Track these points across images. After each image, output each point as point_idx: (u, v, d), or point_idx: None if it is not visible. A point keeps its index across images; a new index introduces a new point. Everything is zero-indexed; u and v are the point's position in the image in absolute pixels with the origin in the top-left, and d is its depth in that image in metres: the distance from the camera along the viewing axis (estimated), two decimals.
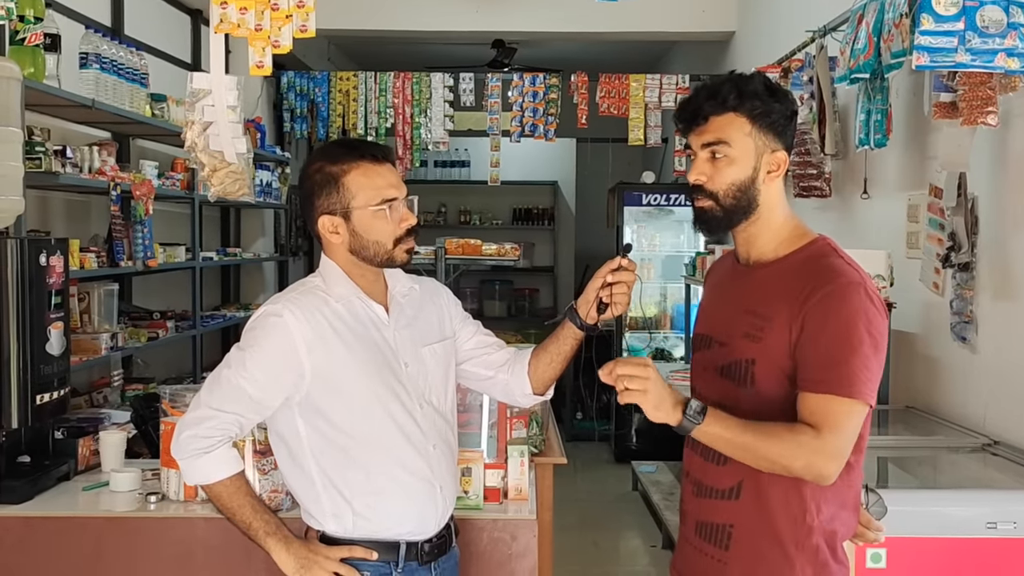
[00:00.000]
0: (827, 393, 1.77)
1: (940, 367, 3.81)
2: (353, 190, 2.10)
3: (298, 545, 2.09)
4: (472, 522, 2.61)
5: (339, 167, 2.11)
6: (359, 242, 2.12)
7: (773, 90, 1.92)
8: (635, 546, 5.69)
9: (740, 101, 1.89)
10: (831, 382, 1.77)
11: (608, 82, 7.00)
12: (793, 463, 1.77)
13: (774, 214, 1.95)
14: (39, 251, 2.83)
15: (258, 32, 2.69)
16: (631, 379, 1.77)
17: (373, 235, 2.12)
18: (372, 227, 2.11)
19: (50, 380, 2.85)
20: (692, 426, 1.78)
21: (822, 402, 1.77)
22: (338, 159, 2.12)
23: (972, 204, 3.47)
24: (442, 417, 2.21)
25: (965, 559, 2.64)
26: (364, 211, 2.10)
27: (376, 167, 2.12)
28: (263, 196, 6.48)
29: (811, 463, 1.77)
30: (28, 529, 2.66)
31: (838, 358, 1.77)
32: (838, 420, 1.77)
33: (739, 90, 1.89)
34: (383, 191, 2.11)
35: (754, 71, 2.03)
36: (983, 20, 2.82)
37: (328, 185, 2.11)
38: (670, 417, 1.78)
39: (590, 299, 2.16)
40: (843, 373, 1.77)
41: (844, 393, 1.77)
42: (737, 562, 1.91)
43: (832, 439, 1.76)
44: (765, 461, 1.79)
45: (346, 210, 2.11)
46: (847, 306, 1.80)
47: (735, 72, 1.98)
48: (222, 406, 2.07)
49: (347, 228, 2.12)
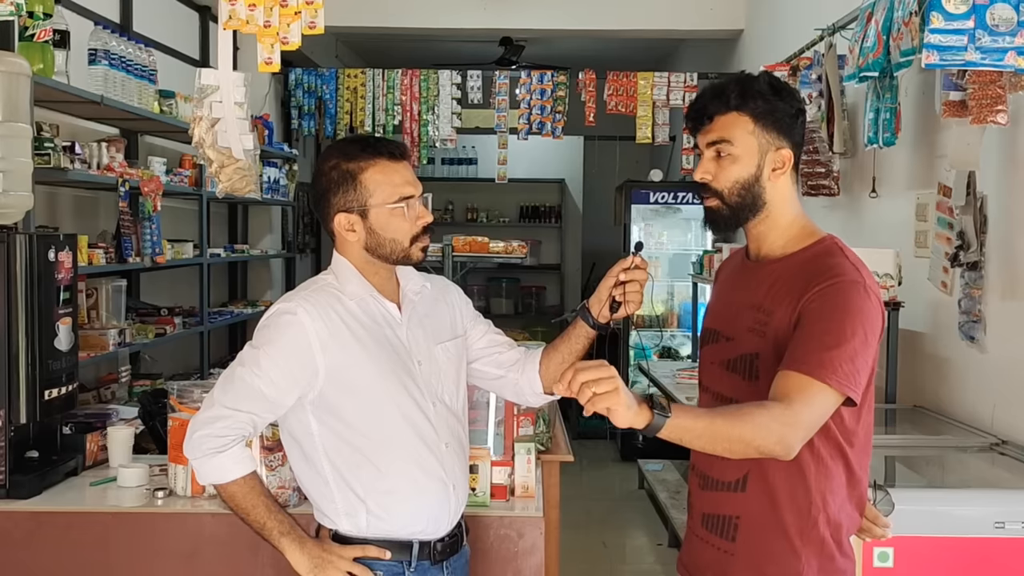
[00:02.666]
0: (806, 374, 1.75)
1: (948, 366, 3.80)
2: (371, 188, 2.09)
3: (312, 545, 2.08)
4: (479, 519, 2.61)
5: (356, 164, 2.10)
6: (376, 240, 2.12)
7: (777, 89, 1.94)
8: (641, 544, 5.69)
9: (743, 100, 1.91)
10: (811, 364, 1.75)
11: (616, 80, 6.99)
12: (766, 439, 1.71)
13: (783, 212, 1.96)
14: (48, 247, 2.84)
15: (267, 29, 2.70)
16: (597, 383, 1.61)
17: (390, 233, 2.11)
18: (389, 225, 2.11)
19: (58, 376, 2.86)
20: (663, 421, 1.65)
21: (798, 380, 1.75)
22: (355, 156, 2.11)
23: (981, 203, 3.46)
24: (454, 416, 2.21)
25: (973, 559, 2.63)
26: (382, 209, 2.10)
27: (393, 164, 2.11)
28: (271, 193, 6.48)
29: (783, 436, 1.71)
30: (36, 524, 2.67)
31: (824, 345, 1.76)
32: (810, 397, 1.74)
33: (742, 89, 1.92)
34: (401, 188, 2.10)
35: (761, 70, 2.03)
36: (993, 18, 2.81)
37: (345, 183, 2.10)
38: (640, 417, 1.64)
39: (603, 298, 2.16)
40: (825, 359, 1.75)
41: (820, 377, 1.74)
42: (743, 554, 1.92)
43: (803, 411, 1.73)
44: (739, 444, 1.72)
45: (363, 208, 2.10)
46: (843, 300, 1.80)
47: (743, 72, 2.00)
48: (236, 405, 2.06)
49: (364, 226, 2.11)
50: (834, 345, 1.76)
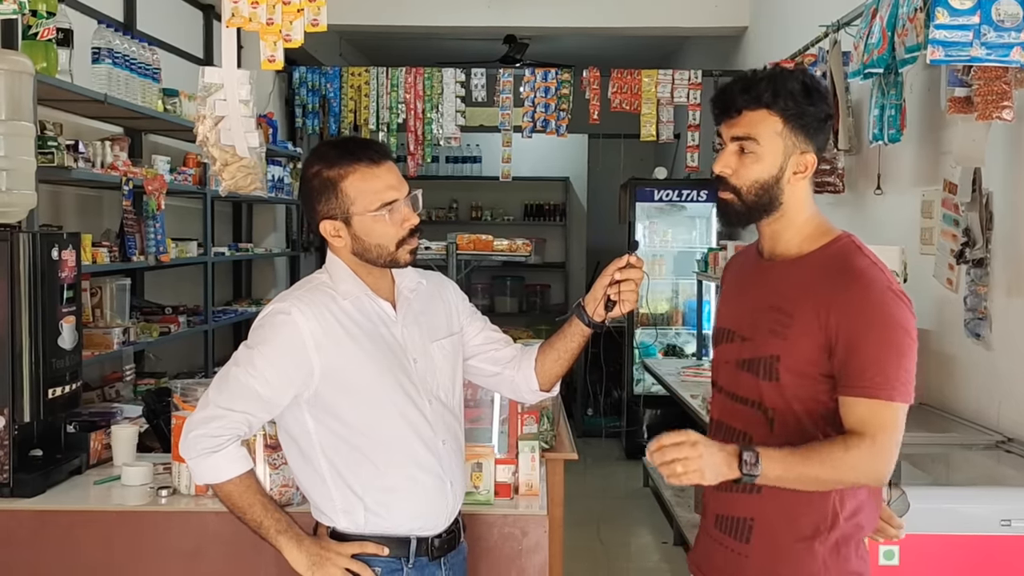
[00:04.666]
0: (875, 398, 1.79)
1: (954, 364, 3.79)
2: (352, 196, 2.07)
3: (309, 542, 2.09)
4: (482, 517, 2.61)
5: (336, 172, 2.08)
6: (361, 245, 2.11)
7: (810, 91, 1.89)
8: (646, 542, 5.68)
9: (775, 99, 1.87)
10: (878, 387, 1.79)
11: (620, 77, 6.98)
12: (859, 478, 1.82)
13: (799, 212, 1.94)
14: (51, 245, 2.84)
15: (269, 26, 2.69)
16: (683, 462, 1.70)
17: (375, 239, 2.10)
18: (374, 231, 2.09)
19: (62, 374, 2.86)
20: (752, 480, 1.76)
21: (871, 407, 1.79)
22: (335, 163, 2.08)
23: (987, 200, 3.45)
24: (450, 412, 2.21)
25: (979, 557, 2.62)
26: (364, 216, 2.08)
27: (373, 169, 2.08)
28: (275, 191, 6.48)
29: (872, 470, 1.80)
30: (40, 523, 2.67)
31: (883, 363, 1.79)
32: (888, 424, 1.80)
33: (775, 87, 1.87)
34: (382, 194, 2.08)
35: (793, 68, 2.00)
36: (998, 14, 2.80)
37: (327, 191, 2.08)
38: (729, 476, 1.75)
39: (598, 296, 2.16)
40: (889, 377, 1.79)
41: (890, 397, 1.79)
42: (758, 556, 1.90)
43: (886, 443, 1.80)
44: (832, 484, 1.83)
45: (346, 215, 2.08)
46: (885, 312, 1.81)
47: (776, 67, 1.96)
48: (231, 405, 2.06)
49: (348, 232, 2.10)
50: (894, 362, 1.80)
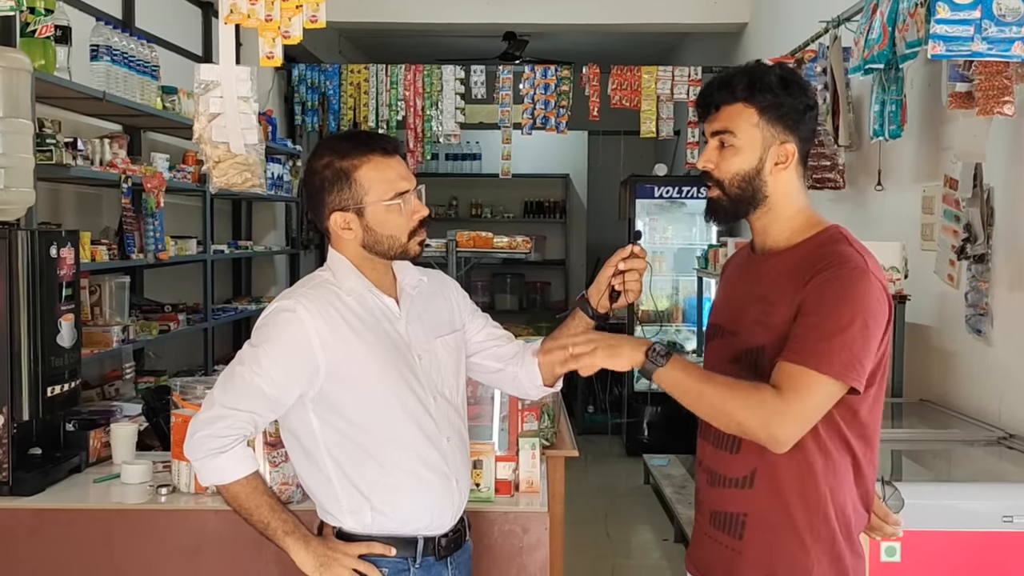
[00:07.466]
0: (801, 364, 1.75)
1: (955, 360, 3.78)
2: (366, 185, 2.07)
3: (317, 543, 2.07)
4: (483, 515, 2.60)
5: (350, 162, 2.07)
6: (373, 237, 2.10)
7: (787, 83, 1.91)
8: (647, 540, 5.67)
9: (750, 92, 1.90)
10: (807, 353, 1.76)
11: (620, 74, 6.97)
12: (750, 419, 1.77)
13: (786, 204, 1.95)
14: (50, 243, 2.83)
15: (268, 23, 2.69)
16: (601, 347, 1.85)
17: (387, 229, 2.09)
18: (386, 221, 2.09)
19: (61, 372, 2.86)
20: (654, 367, 1.82)
21: (794, 371, 1.76)
22: (348, 154, 2.08)
23: (988, 195, 3.44)
24: (455, 409, 2.20)
25: (981, 553, 2.62)
26: (378, 206, 2.07)
27: (387, 160, 2.09)
28: (274, 189, 6.48)
29: (767, 422, 1.75)
30: (39, 521, 2.67)
31: (822, 334, 1.76)
32: (804, 389, 1.75)
33: (750, 81, 1.90)
34: (396, 184, 2.08)
35: (774, 62, 2.01)
36: (1000, 8, 2.79)
37: (339, 181, 2.07)
38: (633, 358, 1.84)
39: (602, 288, 2.16)
40: (822, 348, 1.75)
41: (816, 367, 1.74)
42: (752, 551, 1.90)
43: (794, 402, 1.74)
44: (723, 415, 1.80)
45: (359, 206, 2.08)
46: (843, 287, 1.78)
47: (756, 62, 1.99)
48: (237, 404, 2.04)
49: (360, 223, 2.09)
50: (832, 333, 1.75)
